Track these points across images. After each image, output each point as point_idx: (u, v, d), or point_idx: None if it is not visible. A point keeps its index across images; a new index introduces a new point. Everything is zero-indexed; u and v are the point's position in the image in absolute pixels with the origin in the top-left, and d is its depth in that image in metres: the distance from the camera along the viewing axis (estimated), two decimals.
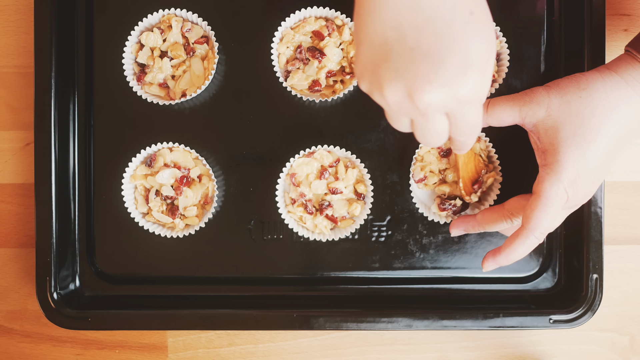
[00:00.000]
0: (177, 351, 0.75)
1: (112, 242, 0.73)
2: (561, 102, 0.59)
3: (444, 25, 0.45)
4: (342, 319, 0.70)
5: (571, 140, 0.58)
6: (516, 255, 0.61)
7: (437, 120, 0.49)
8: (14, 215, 0.75)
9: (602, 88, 0.58)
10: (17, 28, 0.75)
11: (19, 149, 0.75)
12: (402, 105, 0.47)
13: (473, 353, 0.75)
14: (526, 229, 0.59)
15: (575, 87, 0.59)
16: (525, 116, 0.61)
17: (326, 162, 0.71)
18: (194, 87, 0.71)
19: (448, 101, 0.46)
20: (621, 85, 0.58)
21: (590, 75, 0.60)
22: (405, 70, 0.45)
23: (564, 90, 0.59)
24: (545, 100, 0.60)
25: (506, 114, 0.62)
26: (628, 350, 0.75)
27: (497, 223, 0.66)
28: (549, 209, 0.58)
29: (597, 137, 0.57)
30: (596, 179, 0.59)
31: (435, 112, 0.47)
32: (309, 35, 0.72)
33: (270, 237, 0.73)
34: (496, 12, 0.71)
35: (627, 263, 0.75)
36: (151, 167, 0.71)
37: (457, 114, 0.48)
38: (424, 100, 0.46)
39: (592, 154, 0.57)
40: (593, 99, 0.58)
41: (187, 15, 0.72)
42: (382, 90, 0.47)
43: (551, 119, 0.59)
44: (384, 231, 0.73)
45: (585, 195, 0.60)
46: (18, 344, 0.75)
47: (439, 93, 0.45)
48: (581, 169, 0.58)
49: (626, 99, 0.58)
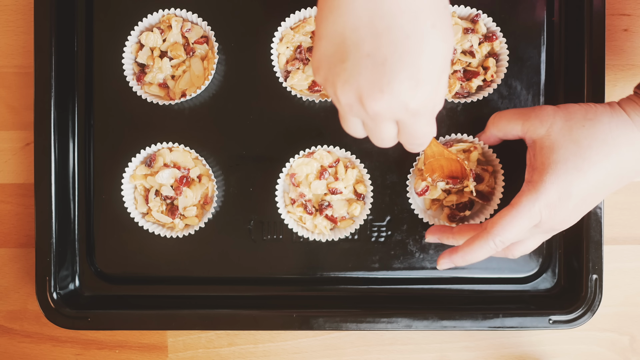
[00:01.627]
0: (177, 351, 0.75)
1: (112, 242, 0.73)
2: (564, 126, 0.59)
3: (402, 36, 0.45)
4: (342, 319, 0.70)
5: (562, 164, 0.57)
6: (472, 257, 0.61)
7: (385, 126, 0.50)
8: (14, 215, 0.75)
9: (607, 122, 0.58)
10: (17, 28, 0.75)
11: (19, 149, 0.75)
12: (353, 107, 0.48)
13: (473, 353, 0.75)
14: (487, 232, 0.59)
15: (582, 116, 0.59)
16: (526, 131, 0.61)
17: (326, 162, 0.71)
18: (193, 87, 0.71)
19: (398, 111, 0.47)
20: (627, 125, 0.57)
21: (600, 107, 0.59)
22: (359, 74, 0.46)
23: (570, 116, 0.59)
24: (550, 119, 0.60)
25: (510, 126, 0.63)
26: (628, 350, 0.75)
27: None
28: (516, 220, 0.58)
29: (589, 169, 0.57)
30: (576, 210, 0.58)
31: (384, 120, 0.48)
32: (309, 35, 0.72)
33: (270, 237, 0.73)
34: (496, 12, 0.71)
35: (627, 263, 0.75)
36: (151, 167, 0.71)
37: (406, 124, 0.49)
38: (374, 107, 0.47)
39: (578, 184, 0.57)
40: (595, 130, 0.57)
41: (187, 15, 0.72)
42: (335, 90, 0.48)
43: (549, 140, 0.59)
44: (384, 231, 0.73)
45: (562, 223, 0.59)
46: (18, 344, 0.75)
47: (389, 103, 0.46)
48: (563, 195, 0.57)
49: (629, 139, 0.57)
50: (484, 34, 0.71)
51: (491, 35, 0.71)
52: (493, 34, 0.71)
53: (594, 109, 0.59)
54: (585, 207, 0.59)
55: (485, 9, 0.71)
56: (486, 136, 0.68)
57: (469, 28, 0.71)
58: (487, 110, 0.72)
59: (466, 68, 0.71)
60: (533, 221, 0.58)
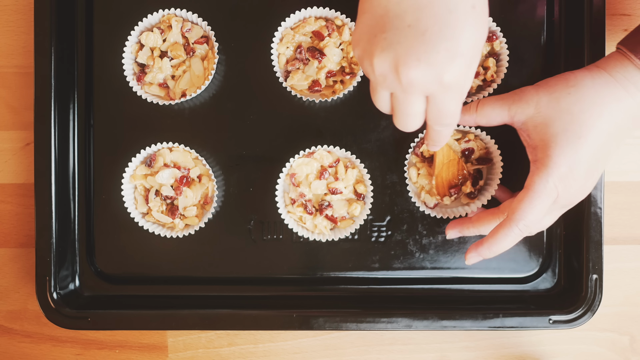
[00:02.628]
0: (177, 351, 0.75)
1: (112, 242, 0.73)
2: (550, 99, 0.59)
3: (445, 11, 0.47)
4: (342, 319, 0.70)
5: (562, 135, 0.57)
6: (499, 247, 0.60)
7: (415, 100, 0.50)
8: (14, 215, 0.75)
9: (591, 85, 0.58)
10: (17, 28, 0.75)
11: (19, 149, 0.75)
12: (387, 77, 0.49)
13: (473, 353, 0.75)
14: (510, 219, 0.59)
15: (564, 85, 0.59)
16: (514, 114, 0.61)
17: (326, 162, 0.71)
18: (193, 87, 0.71)
19: (431, 83, 0.48)
20: (610, 83, 0.58)
21: (580, 73, 0.60)
22: (398, 43, 0.47)
23: (552, 88, 0.59)
24: (534, 97, 0.60)
25: (495, 112, 0.62)
26: (628, 350, 0.75)
27: (492, 224, 0.66)
28: (535, 201, 0.58)
29: (588, 133, 0.57)
30: (589, 176, 0.59)
31: (417, 91, 0.49)
32: (309, 35, 0.72)
33: (270, 237, 0.73)
34: (496, 12, 0.71)
35: (627, 263, 0.75)
36: (151, 167, 0.71)
37: (437, 99, 0.50)
38: (409, 75, 0.48)
39: (583, 149, 0.57)
40: (582, 95, 0.58)
41: (187, 15, 0.72)
42: (372, 58, 0.49)
43: (540, 116, 0.59)
44: (384, 231, 0.73)
45: (578, 193, 0.59)
46: (18, 344, 0.75)
47: (425, 72, 0.47)
48: (572, 164, 0.57)
49: (615, 96, 0.57)
50: None
51: (491, 35, 0.71)
52: (493, 34, 0.71)
53: (573, 76, 0.60)
54: (596, 172, 0.59)
55: None
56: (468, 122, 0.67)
57: None
58: None
59: None
60: (551, 198, 0.58)
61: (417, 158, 0.71)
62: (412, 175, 0.71)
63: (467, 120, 0.64)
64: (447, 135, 0.57)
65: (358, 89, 0.71)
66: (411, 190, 0.71)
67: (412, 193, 0.71)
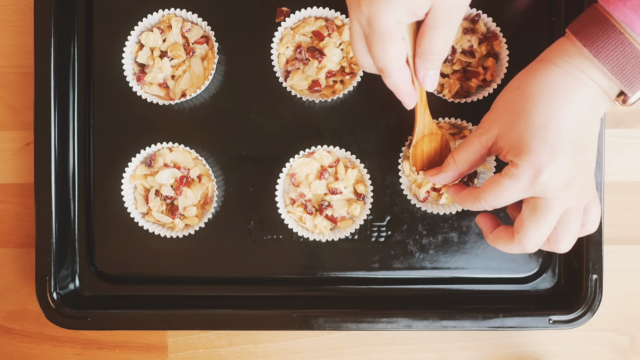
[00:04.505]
0: (177, 351, 0.75)
1: (112, 242, 0.73)
2: (504, 108, 0.59)
3: None
4: (342, 319, 0.70)
5: (527, 132, 0.57)
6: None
7: (354, 27, 0.55)
8: (14, 215, 0.75)
9: (533, 79, 0.58)
10: (17, 28, 0.75)
11: (19, 149, 0.75)
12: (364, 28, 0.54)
13: (473, 353, 0.75)
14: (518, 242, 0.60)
15: (510, 91, 0.60)
16: (486, 142, 0.61)
17: (326, 162, 0.71)
18: (193, 87, 0.71)
19: (361, 17, 0.53)
20: (552, 70, 0.58)
21: (521, 74, 0.60)
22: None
23: (502, 100, 0.60)
24: (492, 116, 0.61)
25: (471, 152, 0.62)
26: (628, 350, 0.75)
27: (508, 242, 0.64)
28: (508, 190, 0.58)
29: (550, 120, 0.56)
30: (578, 159, 0.57)
31: (352, 18, 0.54)
32: (309, 35, 0.72)
33: (270, 237, 0.73)
34: (496, 12, 0.71)
35: (627, 263, 0.75)
36: (151, 167, 0.71)
37: (367, 38, 0.54)
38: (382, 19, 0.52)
39: (552, 134, 0.56)
40: (529, 89, 0.58)
41: (187, 15, 0.72)
42: (360, 6, 0.52)
43: (505, 127, 0.59)
44: (384, 231, 0.73)
45: (585, 185, 0.58)
46: (18, 344, 0.75)
47: (365, 4, 0.51)
48: (549, 151, 0.56)
49: (561, 79, 0.57)
50: (484, 34, 0.71)
51: (491, 35, 0.71)
52: (493, 34, 0.71)
53: (515, 79, 0.60)
54: (583, 154, 0.57)
55: (485, 9, 0.71)
56: (442, 173, 0.65)
57: (469, 28, 0.71)
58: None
59: (466, 68, 0.71)
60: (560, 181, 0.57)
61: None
62: (405, 168, 0.71)
63: (452, 174, 0.64)
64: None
65: (358, 89, 0.71)
66: (403, 183, 0.71)
67: (404, 186, 0.71)
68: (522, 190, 0.57)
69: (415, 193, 0.71)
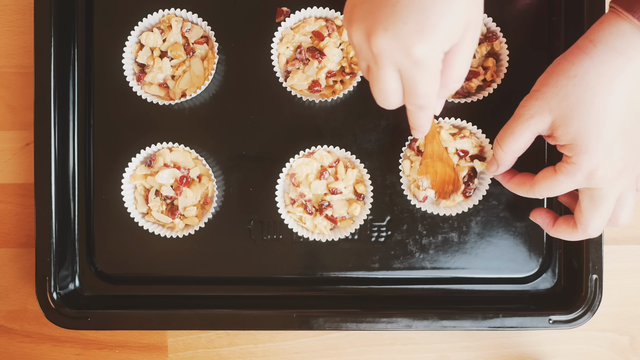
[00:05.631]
0: (177, 351, 0.75)
1: (112, 242, 0.73)
2: (559, 99, 0.58)
3: None
4: (342, 319, 0.70)
5: (584, 130, 0.56)
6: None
7: (387, 73, 0.50)
8: (14, 215, 0.75)
9: (592, 67, 0.56)
10: (17, 28, 0.75)
11: (19, 149, 0.75)
12: (362, 47, 0.50)
13: (473, 353, 0.75)
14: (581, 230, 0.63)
15: (565, 78, 0.58)
16: (537, 131, 0.60)
17: (326, 162, 0.71)
18: (193, 87, 0.71)
19: (398, 54, 0.48)
20: (609, 56, 0.56)
21: (575, 58, 0.58)
22: (371, 13, 0.48)
23: (556, 87, 0.58)
24: (544, 105, 0.59)
25: (522, 141, 0.61)
26: (628, 350, 0.75)
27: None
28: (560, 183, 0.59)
29: (606, 115, 0.56)
30: (629, 147, 0.57)
31: (386, 62, 0.49)
32: (309, 35, 0.72)
33: (270, 237, 0.73)
34: (496, 12, 0.71)
35: (627, 263, 0.75)
36: (151, 167, 0.71)
37: (407, 74, 0.50)
38: (377, 44, 0.48)
39: (607, 132, 0.56)
40: (587, 81, 0.56)
41: (187, 15, 0.72)
42: (351, 28, 0.50)
43: (558, 118, 0.58)
44: (384, 231, 0.73)
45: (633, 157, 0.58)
46: (18, 344, 0.75)
47: (391, 42, 0.48)
48: (606, 150, 0.56)
49: (619, 67, 0.56)
50: (484, 34, 0.71)
51: (491, 35, 0.71)
52: (493, 34, 0.71)
53: (570, 64, 0.58)
54: (632, 136, 0.57)
55: (485, 9, 0.71)
56: (500, 166, 0.65)
57: None
58: (487, 110, 0.72)
59: None
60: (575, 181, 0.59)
61: (412, 152, 0.71)
62: (406, 167, 0.71)
63: (508, 164, 0.64)
64: (424, 119, 0.56)
65: (358, 89, 0.71)
66: (404, 183, 0.71)
67: (404, 185, 0.71)
68: (577, 184, 0.59)
69: (415, 193, 0.71)
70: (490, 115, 0.71)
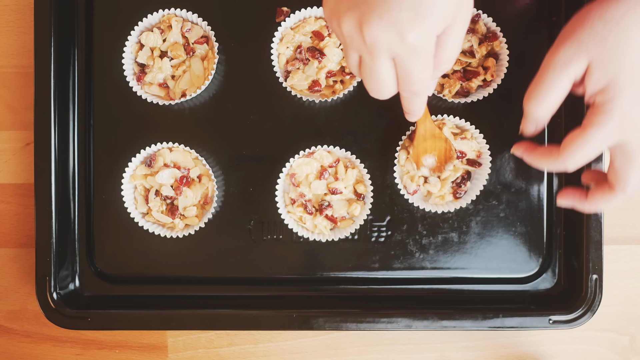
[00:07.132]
0: (177, 351, 0.75)
1: (112, 242, 0.73)
2: (596, 42, 0.56)
3: None
4: (342, 319, 0.70)
5: (621, 76, 0.55)
6: None
7: (382, 63, 0.49)
8: (14, 215, 0.75)
9: (626, 12, 0.55)
10: (17, 28, 0.75)
11: (19, 149, 0.75)
12: (353, 38, 0.48)
13: (473, 353, 0.75)
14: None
15: (602, 22, 0.56)
16: (575, 75, 0.57)
17: (326, 162, 0.71)
18: (194, 87, 0.71)
19: (394, 42, 0.47)
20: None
21: (609, 2, 0.56)
22: (362, 2, 0.47)
23: (592, 31, 0.56)
24: (581, 49, 0.56)
25: (561, 89, 0.58)
26: (628, 350, 0.75)
27: None
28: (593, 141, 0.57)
29: None
30: None
31: (381, 51, 0.48)
32: (309, 35, 0.72)
33: (270, 237, 0.73)
34: (496, 12, 0.71)
35: (627, 263, 0.75)
36: (151, 167, 0.71)
37: (402, 61, 0.49)
38: (371, 34, 0.47)
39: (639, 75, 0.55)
40: (624, 24, 0.55)
41: (187, 15, 0.72)
42: (340, 19, 0.48)
43: (596, 62, 0.56)
44: (384, 231, 0.73)
45: None
46: (18, 344, 0.75)
47: (386, 31, 0.46)
48: (635, 97, 0.55)
49: None
50: (484, 34, 0.71)
51: (491, 35, 0.71)
52: (493, 34, 0.71)
53: (605, 9, 0.56)
54: None
55: (485, 9, 0.71)
56: (539, 123, 0.63)
57: (469, 28, 0.70)
58: (487, 110, 0.72)
59: (466, 68, 0.71)
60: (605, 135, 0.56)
61: (410, 142, 0.71)
62: (401, 157, 0.71)
63: (543, 120, 0.61)
64: (419, 104, 0.55)
65: (358, 89, 0.71)
66: (397, 172, 0.71)
67: (397, 174, 0.71)
68: (608, 137, 0.56)
69: (406, 184, 0.71)
70: (491, 115, 0.71)
